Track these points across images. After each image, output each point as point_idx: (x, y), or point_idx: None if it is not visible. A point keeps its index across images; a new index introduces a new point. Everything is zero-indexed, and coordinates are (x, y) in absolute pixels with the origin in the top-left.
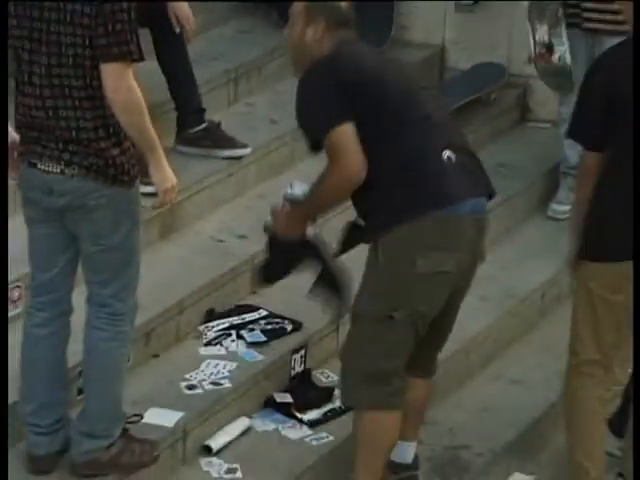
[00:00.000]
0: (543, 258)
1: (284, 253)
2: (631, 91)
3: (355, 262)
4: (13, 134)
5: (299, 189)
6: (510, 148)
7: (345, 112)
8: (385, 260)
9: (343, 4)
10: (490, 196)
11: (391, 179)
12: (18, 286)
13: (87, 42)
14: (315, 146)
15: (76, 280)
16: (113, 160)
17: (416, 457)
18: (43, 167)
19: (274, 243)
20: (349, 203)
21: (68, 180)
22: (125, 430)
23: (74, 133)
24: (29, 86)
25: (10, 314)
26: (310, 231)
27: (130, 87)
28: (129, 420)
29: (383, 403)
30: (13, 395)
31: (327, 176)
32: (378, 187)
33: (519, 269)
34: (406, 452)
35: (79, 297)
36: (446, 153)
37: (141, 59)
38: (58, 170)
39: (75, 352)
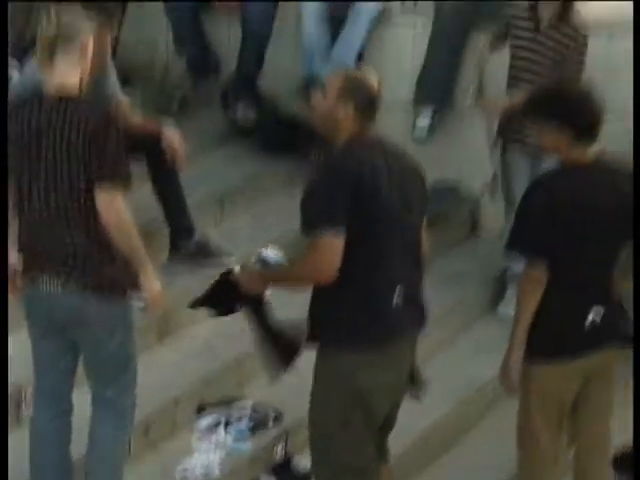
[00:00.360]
0: (494, 354)
1: (230, 295)
2: (570, 210)
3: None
4: (12, 257)
5: (273, 255)
6: (462, 258)
7: (342, 221)
8: (328, 372)
9: (374, 94)
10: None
11: (347, 297)
12: None
13: (82, 169)
14: (305, 231)
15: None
16: (107, 276)
17: None
18: (44, 285)
19: (226, 284)
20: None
21: (67, 296)
22: None
23: (71, 252)
24: (28, 209)
25: (25, 414)
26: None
27: (119, 210)
28: None
29: None
30: None
31: (301, 263)
32: (336, 295)
33: (473, 364)
34: None
35: (80, 396)
36: (398, 292)
37: (130, 186)
38: (57, 289)
39: (79, 444)
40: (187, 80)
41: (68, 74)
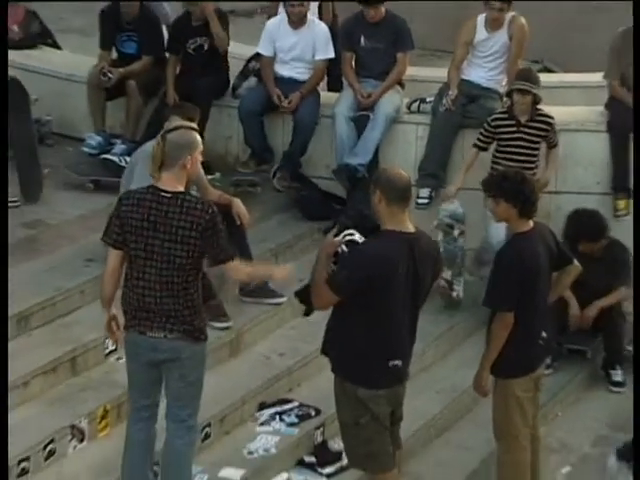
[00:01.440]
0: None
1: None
2: (537, 268)
3: None
4: (113, 310)
5: (358, 238)
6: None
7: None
8: (342, 387)
9: (403, 183)
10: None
11: (359, 337)
12: None
13: (190, 254)
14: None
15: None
16: (195, 325)
17: None
18: (151, 334)
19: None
20: None
21: (168, 342)
22: None
23: (173, 312)
24: (142, 281)
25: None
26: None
27: (239, 269)
28: None
29: (380, 469)
30: None
31: (318, 288)
32: (348, 328)
33: (458, 374)
34: None
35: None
36: (396, 360)
37: (234, 257)
38: (162, 336)
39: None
40: (252, 166)
41: (172, 183)
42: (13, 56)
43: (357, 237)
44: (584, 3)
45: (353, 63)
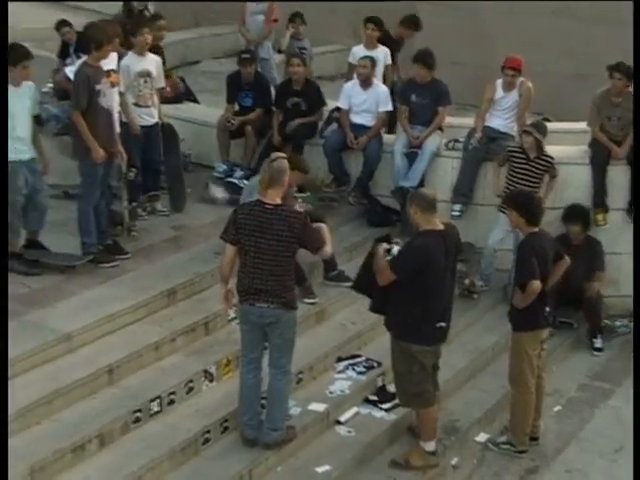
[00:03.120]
0: (493, 333)
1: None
2: (545, 253)
3: None
4: (229, 286)
5: (395, 250)
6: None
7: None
8: (398, 345)
9: (430, 197)
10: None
11: (414, 306)
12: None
13: (287, 248)
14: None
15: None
16: (289, 298)
17: None
18: (259, 305)
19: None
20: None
21: (271, 310)
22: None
23: (274, 290)
24: (252, 268)
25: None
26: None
27: (327, 250)
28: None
29: (425, 405)
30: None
31: (381, 270)
32: (406, 301)
33: (485, 336)
34: None
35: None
36: (442, 322)
37: (324, 244)
38: (266, 306)
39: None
40: (333, 187)
41: (273, 198)
42: (166, 109)
43: (395, 249)
44: (571, 72)
45: (407, 114)
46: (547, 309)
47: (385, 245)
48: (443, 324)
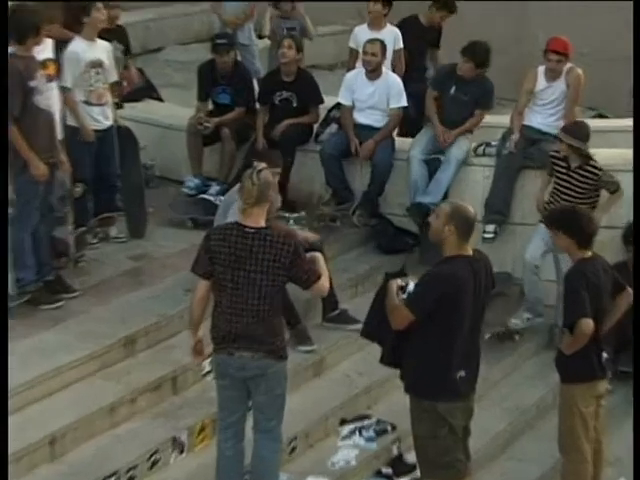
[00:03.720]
0: (535, 387)
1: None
2: (598, 285)
3: None
4: (199, 334)
5: (411, 287)
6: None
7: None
8: (419, 405)
9: (472, 219)
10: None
11: (437, 353)
12: None
13: (274, 283)
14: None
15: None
16: (277, 346)
17: None
18: (239, 354)
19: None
20: None
21: (255, 361)
22: None
23: (258, 335)
24: (230, 308)
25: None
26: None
27: (323, 286)
28: None
29: (454, 479)
30: None
31: (396, 310)
32: (427, 348)
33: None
34: None
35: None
36: (461, 371)
37: (320, 276)
38: (249, 356)
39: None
40: (333, 205)
41: (257, 219)
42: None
43: (411, 285)
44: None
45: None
46: (605, 355)
47: (399, 281)
48: (463, 373)
